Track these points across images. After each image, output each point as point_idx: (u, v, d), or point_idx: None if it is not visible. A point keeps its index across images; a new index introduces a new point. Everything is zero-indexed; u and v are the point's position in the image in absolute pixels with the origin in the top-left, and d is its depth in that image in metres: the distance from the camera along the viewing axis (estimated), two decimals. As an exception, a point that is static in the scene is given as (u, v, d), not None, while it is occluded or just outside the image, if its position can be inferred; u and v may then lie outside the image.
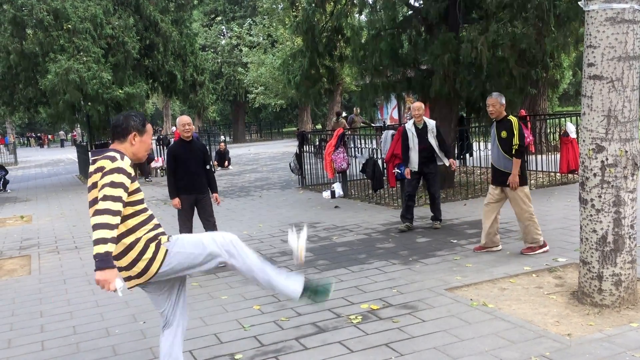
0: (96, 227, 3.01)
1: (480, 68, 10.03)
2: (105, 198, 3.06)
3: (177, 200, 6.74)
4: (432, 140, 8.06)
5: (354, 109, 20.32)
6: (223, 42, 37.87)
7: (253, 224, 9.52)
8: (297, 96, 16.82)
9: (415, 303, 5.16)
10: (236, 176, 17.47)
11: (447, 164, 8.22)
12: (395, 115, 24.99)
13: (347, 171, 11.85)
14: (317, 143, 14.05)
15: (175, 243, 3.40)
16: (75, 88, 14.52)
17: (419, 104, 8.20)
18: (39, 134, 66.42)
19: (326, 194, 11.87)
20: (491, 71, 10.18)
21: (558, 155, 11.49)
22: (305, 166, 13.54)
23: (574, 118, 11.63)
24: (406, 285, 5.68)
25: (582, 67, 4.78)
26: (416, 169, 8.17)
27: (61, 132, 58.13)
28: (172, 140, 19.85)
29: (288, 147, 29.09)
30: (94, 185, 3.24)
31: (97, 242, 3.00)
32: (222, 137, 21.35)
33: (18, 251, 8.82)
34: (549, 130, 12.80)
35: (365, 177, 11.37)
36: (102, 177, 3.15)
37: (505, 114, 6.49)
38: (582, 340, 4.13)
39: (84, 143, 22.27)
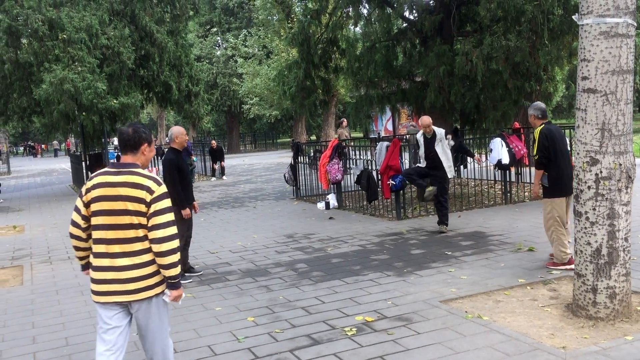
0: (175, 251, 3.36)
1: (474, 80, 10.12)
2: (172, 223, 3.37)
3: (188, 211, 6.89)
4: (439, 149, 8.50)
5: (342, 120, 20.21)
6: (218, 53, 37.98)
7: (247, 235, 9.50)
8: (292, 107, 16.88)
9: (410, 315, 5.14)
10: (230, 187, 17.44)
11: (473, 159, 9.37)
12: (390, 127, 25.05)
13: (342, 182, 11.86)
14: (312, 154, 14.05)
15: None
16: (70, 98, 14.48)
17: (426, 118, 8.63)
18: (31, 144, 66.14)
19: (320, 205, 11.86)
20: (485, 83, 10.26)
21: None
22: (300, 177, 13.54)
23: (567, 131, 11.68)
24: (401, 297, 5.67)
25: (576, 81, 4.82)
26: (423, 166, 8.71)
27: (55, 142, 57.93)
28: (166, 151, 19.77)
29: (282, 157, 29.11)
30: (137, 199, 3.31)
31: (176, 264, 3.38)
32: (214, 142, 21.41)
33: (10, 261, 8.76)
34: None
35: (359, 189, 11.38)
36: (157, 200, 3.33)
37: (539, 124, 6.32)
38: (576, 353, 4.13)
39: (78, 153, 22.18)
